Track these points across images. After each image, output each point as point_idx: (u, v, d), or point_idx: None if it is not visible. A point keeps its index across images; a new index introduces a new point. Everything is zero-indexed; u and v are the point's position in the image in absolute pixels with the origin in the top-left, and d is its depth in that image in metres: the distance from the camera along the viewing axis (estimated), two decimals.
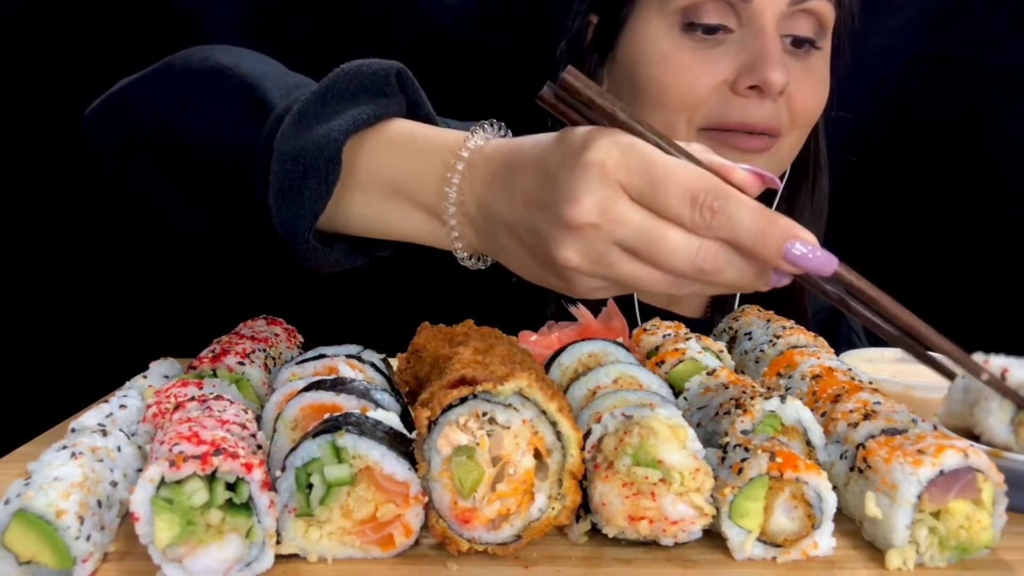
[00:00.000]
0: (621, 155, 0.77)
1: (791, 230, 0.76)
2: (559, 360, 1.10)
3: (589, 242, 0.78)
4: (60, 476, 0.79)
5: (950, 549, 0.83)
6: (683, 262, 0.77)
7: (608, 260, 0.79)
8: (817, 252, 0.77)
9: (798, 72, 1.41)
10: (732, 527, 0.83)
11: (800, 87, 1.41)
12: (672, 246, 0.77)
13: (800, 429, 0.93)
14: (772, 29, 1.37)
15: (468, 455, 0.82)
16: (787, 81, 1.35)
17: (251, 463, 0.78)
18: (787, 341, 1.17)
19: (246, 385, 1.05)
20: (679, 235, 0.77)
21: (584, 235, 0.78)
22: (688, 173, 0.76)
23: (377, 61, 1.01)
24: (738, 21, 1.39)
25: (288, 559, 0.82)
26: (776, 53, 1.36)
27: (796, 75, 1.40)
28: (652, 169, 0.76)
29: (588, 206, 0.77)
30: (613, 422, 0.85)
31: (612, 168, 0.77)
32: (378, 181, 0.95)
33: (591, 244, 0.78)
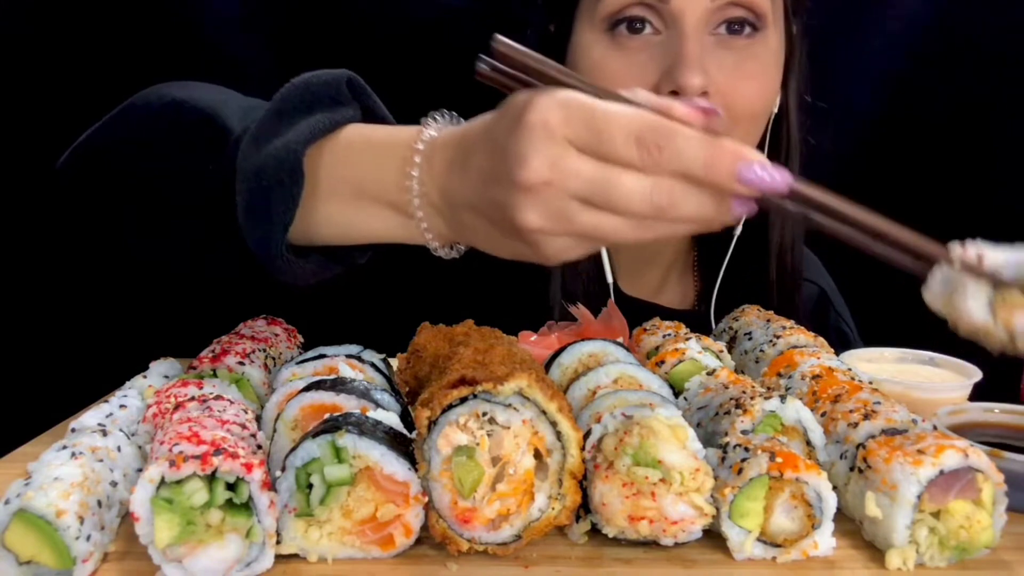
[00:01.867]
0: (561, 110, 0.78)
1: (740, 152, 0.77)
2: (559, 360, 1.10)
3: (546, 201, 0.79)
4: (60, 476, 0.79)
5: (950, 549, 0.83)
6: (639, 203, 0.78)
7: (568, 215, 0.80)
8: (770, 170, 0.78)
9: (731, 64, 1.35)
10: (732, 527, 0.83)
11: (735, 80, 1.35)
12: (626, 189, 0.78)
13: (800, 429, 0.93)
14: (692, 29, 1.32)
15: (468, 455, 0.82)
16: (704, 83, 1.29)
17: (251, 463, 0.78)
18: (787, 341, 1.17)
19: (246, 385, 1.05)
20: (631, 177, 0.78)
21: (540, 195, 0.79)
22: (629, 116, 0.78)
23: (327, 72, 1.04)
24: (663, 22, 1.35)
25: (288, 559, 0.82)
26: (692, 55, 1.30)
27: (729, 67, 1.35)
28: (593, 118, 0.77)
29: (537, 166, 0.78)
30: (613, 422, 0.85)
31: (555, 124, 0.78)
32: (342, 186, 0.96)
33: (548, 203, 0.79)
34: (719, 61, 1.35)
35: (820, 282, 1.73)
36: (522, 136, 0.78)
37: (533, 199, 0.79)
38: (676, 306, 1.63)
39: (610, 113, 0.77)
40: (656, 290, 1.65)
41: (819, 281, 1.73)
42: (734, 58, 1.36)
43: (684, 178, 0.78)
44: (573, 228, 0.81)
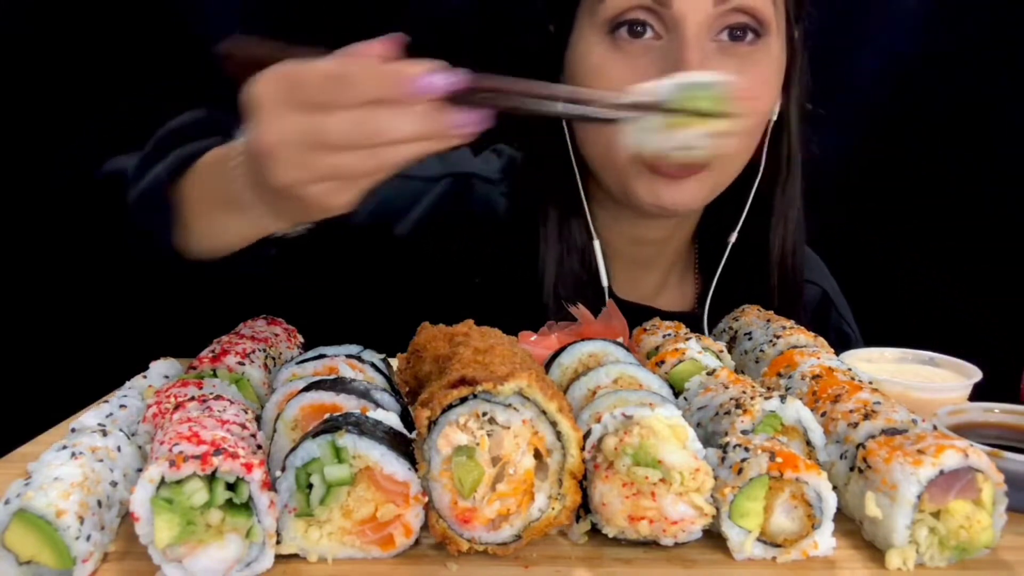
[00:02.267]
0: (270, 81, 0.91)
1: (410, 73, 0.88)
2: (559, 360, 1.10)
3: (285, 159, 0.90)
4: (60, 476, 0.79)
5: (950, 549, 0.83)
6: (352, 135, 0.89)
7: (307, 163, 0.91)
8: (445, 75, 0.88)
9: (733, 71, 1.30)
10: (732, 527, 0.83)
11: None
12: (335, 128, 0.89)
13: (800, 429, 0.93)
14: (694, 36, 1.32)
15: (468, 455, 0.82)
16: None
17: (251, 463, 0.78)
18: (787, 341, 1.17)
19: (246, 385, 1.05)
20: (337, 117, 0.88)
21: (277, 155, 0.90)
22: (318, 67, 0.89)
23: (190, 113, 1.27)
24: (664, 27, 1.35)
25: (288, 559, 0.82)
26: (693, 63, 1.30)
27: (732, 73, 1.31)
28: (292, 78, 0.90)
29: (263, 132, 0.90)
30: (613, 422, 0.85)
31: (266, 93, 0.90)
32: (205, 203, 1.12)
33: (287, 159, 0.90)
34: (720, 67, 1.33)
35: (822, 283, 1.72)
36: (251, 112, 0.92)
37: (274, 161, 0.91)
38: (675, 308, 1.62)
39: (304, 69, 0.89)
40: (654, 293, 1.64)
41: (821, 282, 1.72)
42: (736, 65, 1.35)
43: (381, 104, 0.88)
44: (319, 172, 0.91)
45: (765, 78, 1.41)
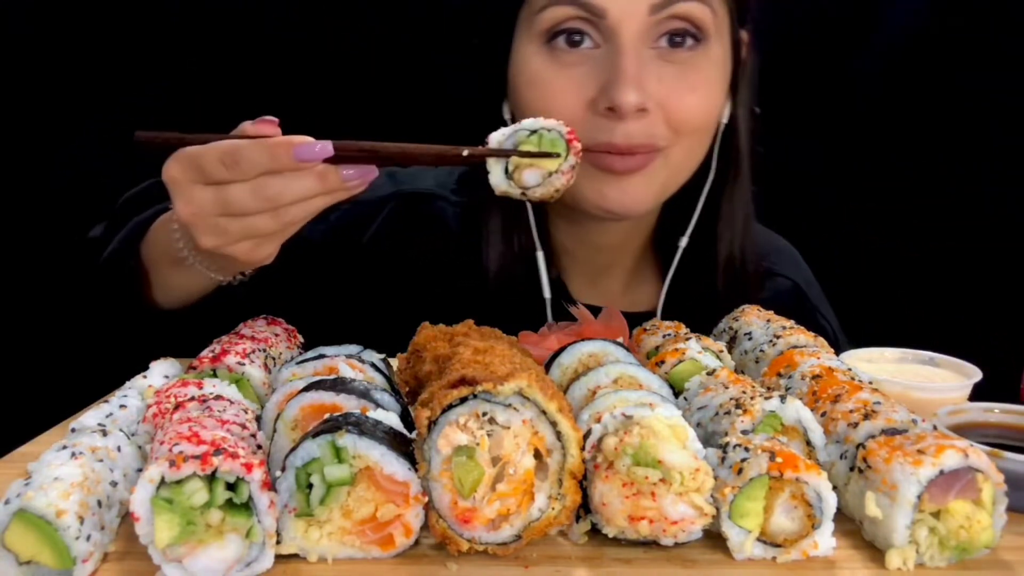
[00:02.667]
0: (176, 164, 1.05)
1: (288, 140, 1.02)
2: (559, 360, 1.10)
3: (204, 226, 1.05)
4: (60, 476, 0.79)
5: (950, 549, 0.83)
6: (253, 203, 1.03)
7: (223, 229, 1.05)
8: (316, 145, 1.02)
9: (672, 77, 1.35)
10: (732, 527, 0.83)
11: (677, 93, 1.35)
12: (238, 198, 1.03)
13: (800, 429, 0.93)
14: (630, 44, 1.32)
15: (468, 455, 0.82)
16: (639, 100, 1.30)
17: (251, 463, 0.78)
18: (787, 341, 1.17)
19: (246, 385, 1.05)
20: (237, 188, 1.03)
21: (197, 224, 1.05)
22: (213, 148, 1.02)
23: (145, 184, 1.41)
24: (601, 36, 1.34)
25: (288, 559, 0.82)
26: (628, 73, 1.31)
27: (671, 81, 1.35)
28: (194, 159, 1.03)
29: (180, 207, 1.05)
30: (613, 422, 0.85)
31: (176, 175, 1.05)
32: (163, 262, 1.26)
33: (206, 226, 1.05)
34: (659, 75, 1.34)
35: (793, 276, 1.71)
36: (169, 190, 1.07)
37: (196, 229, 1.06)
38: (641, 309, 1.61)
39: (203, 151, 1.03)
40: (619, 295, 1.64)
41: (792, 275, 1.71)
42: (675, 71, 1.35)
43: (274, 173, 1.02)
44: (234, 235, 1.06)
45: (707, 83, 1.40)
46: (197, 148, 1.04)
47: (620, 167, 1.37)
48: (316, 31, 2.37)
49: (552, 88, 1.37)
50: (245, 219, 1.05)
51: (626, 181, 1.38)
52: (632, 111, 1.31)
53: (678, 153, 1.41)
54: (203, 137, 1.05)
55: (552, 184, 1.10)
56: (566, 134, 1.08)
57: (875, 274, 2.39)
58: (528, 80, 1.40)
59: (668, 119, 1.36)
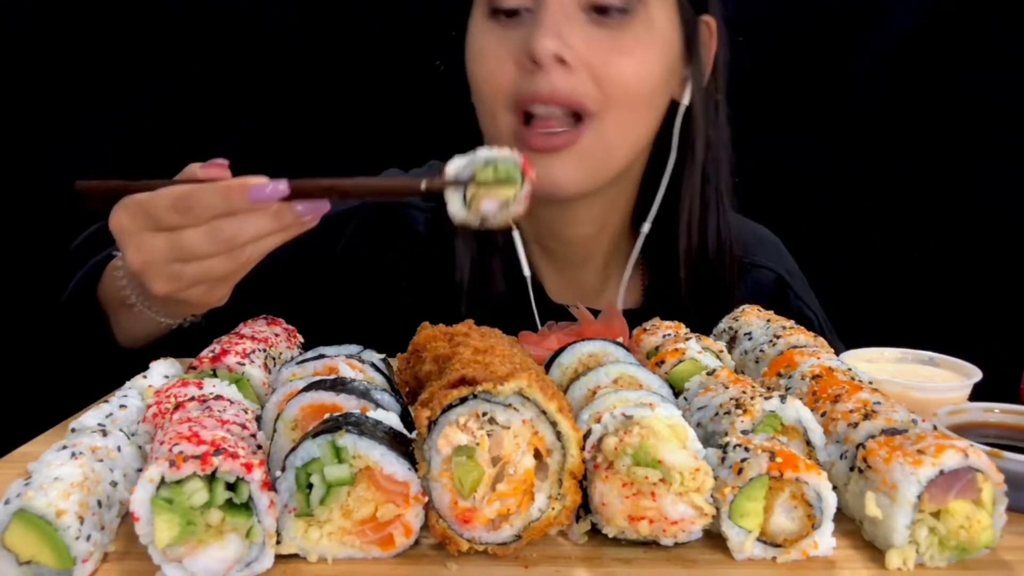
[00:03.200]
0: (124, 213, 1.04)
1: (242, 182, 1.01)
2: (559, 360, 1.10)
3: (156, 273, 1.05)
4: (60, 476, 0.79)
5: (950, 549, 0.83)
6: (209, 246, 1.02)
7: (177, 274, 1.05)
8: (269, 186, 1.01)
9: (602, 41, 1.36)
10: (732, 527, 0.83)
11: (606, 54, 1.36)
12: (193, 242, 1.02)
13: (800, 429, 0.93)
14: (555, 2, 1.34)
15: (468, 455, 0.82)
16: (557, 48, 1.32)
17: (251, 463, 0.78)
18: (787, 341, 1.17)
19: (246, 385, 1.05)
20: (192, 233, 1.01)
21: (149, 272, 1.04)
22: (164, 195, 1.02)
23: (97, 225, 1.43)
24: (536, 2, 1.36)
25: (288, 559, 0.82)
26: (546, 22, 1.33)
27: (600, 41, 1.35)
28: (143, 206, 1.03)
29: (131, 256, 1.04)
30: (613, 422, 0.85)
31: (124, 224, 1.04)
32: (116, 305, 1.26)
33: (159, 273, 1.05)
34: (588, 34, 1.35)
35: (776, 267, 1.69)
36: (117, 239, 1.06)
37: (148, 276, 1.05)
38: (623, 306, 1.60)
39: (153, 197, 1.02)
40: (595, 292, 1.63)
41: (774, 266, 1.69)
42: (605, 34, 1.36)
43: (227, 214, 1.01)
44: (188, 280, 1.05)
45: (640, 49, 1.39)
46: (145, 195, 1.03)
47: (541, 144, 1.38)
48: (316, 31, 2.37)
49: (488, 56, 1.41)
50: (199, 263, 1.04)
51: (553, 158, 1.38)
52: (549, 59, 1.32)
53: (610, 125, 1.39)
54: (147, 184, 1.05)
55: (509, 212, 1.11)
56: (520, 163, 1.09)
57: (875, 274, 2.39)
58: (473, 54, 1.44)
59: (596, 80, 1.36)
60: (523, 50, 1.35)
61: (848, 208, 2.40)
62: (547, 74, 1.34)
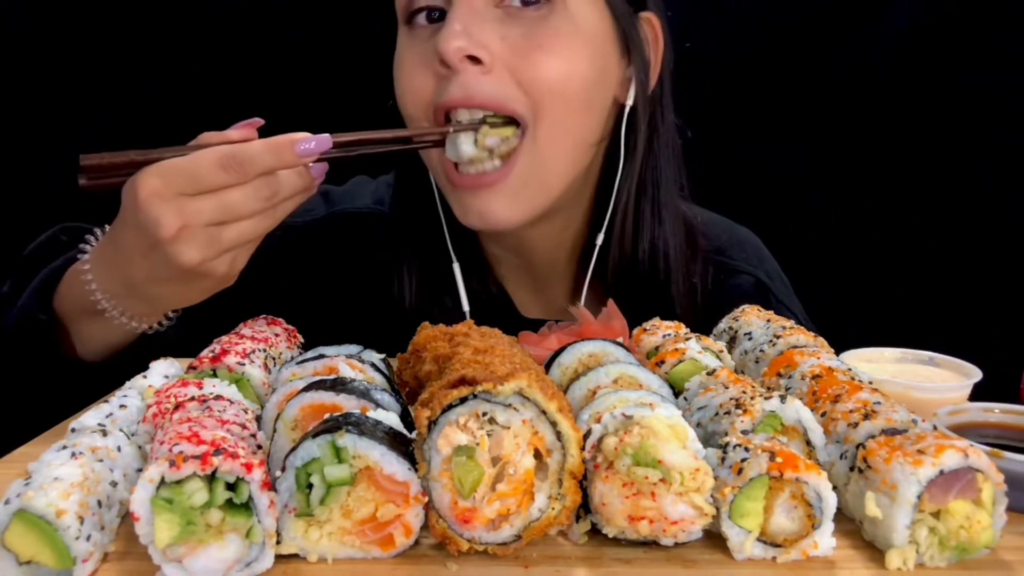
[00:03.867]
0: (159, 178, 1.02)
1: (290, 138, 1.05)
2: (559, 360, 1.10)
3: (191, 239, 1.03)
4: (60, 476, 0.79)
5: (950, 549, 0.83)
6: (255, 203, 1.04)
7: (214, 239, 1.04)
8: (315, 140, 1.06)
9: (520, 35, 1.27)
10: (732, 527, 0.83)
11: (524, 51, 1.27)
12: (240, 199, 1.03)
13: (800, 429, 0.93)
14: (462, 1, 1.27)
15: (468, 455, 0.82)
16: (463, 45, 1.24)
17: (251, 463, 0.78)
18: (787, 341, 1.17)
19: (246, 385, 1.05)
20: (237, 192, 1.03)
21: (184, 238, 1.03)
22: (207, 156, 1.02)
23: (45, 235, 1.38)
24: (447, 2, 1.30)
25: (288, 559, 0.82)
26: (454, 21, 1.25)
27: (517, 38, 1.27)
28: (184, 169, 1.02)
29: (169, 221, 1.01)
30: (613, 422, 0.85)
31: (160, 189, 1.02)
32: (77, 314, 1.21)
33: (193, 240, 1.03)
34: (504, 32, 1.27)
35: (755, 271, 1.63)
36: (143, 209, 1.02)
37: (181, 244, 1.03)
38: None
39: (192, 160, 1.03)
40: (564, 304, 1.56)
41: (753, 270, 1.63)
42: (523, 29, 1.28)
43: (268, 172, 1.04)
44: (224, 245, 1.06)
45: (562, 43, 1.29)
46: (185, 158, 1.03)
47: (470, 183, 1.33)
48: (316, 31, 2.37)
49: (404, 66, 1.37)
50: (239, 225, 1.05)
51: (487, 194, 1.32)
52: (459, 59, 1.25)
53: (544, 136, 1.30)
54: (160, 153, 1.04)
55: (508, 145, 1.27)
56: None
57: (875, 274, 2.39)
58: (395, 64, 1.40)
59: (520, 82, 1.28)
60: (434, 54, 1.28)
61: (848, 208, 2.40)
62: (460, 76, 1.27)
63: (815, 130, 2.39)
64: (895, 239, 2.39)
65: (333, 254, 1.63)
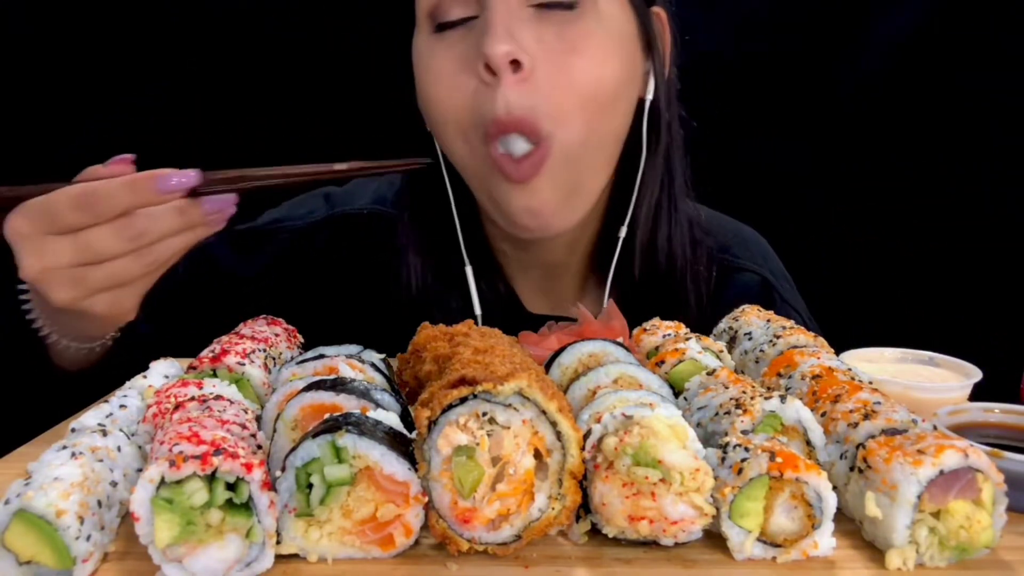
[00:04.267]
0: (22, 217, 0.99)
1: (150, 174, 0.99)
2: (559, 360, 1.10)
3: (58, 280, 1.00)
4: (60, 476, 0.79)
5: (950, 549, 0.83)
6: (117, 244, 0.99)
7: (81, 280, 1.00)
8: (181, 175, 1.00)
9: (552, 36, 1.27)
10: (732, 527, 0.83)
11: (557, 53, 1.27)
12: (100, 241, 0.98)
13: (800, 429, 0.93)
14: (500, 3, 1.25)
15: (468, 455, 0.82)
16: (511, 50, 1.22)
17: (251, 463, 0.78)
18: (787, 341, 1.17)
19: (246, 385, 1.05)
20: (98, 232, 0.98)
21: (50, 279, 1.00)
22: (65, 193, 0.98)
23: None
24: (479, 5, 1.28)
25: (288, 559, 0.82)
26: (494, 23, 1.23)
27: (551, 39, 1.27)
28: (42, 207, 0.98)
29: (30, 263, 0.99)
30: (613, 422, 0.85)
31: (22, 228, 0.99)
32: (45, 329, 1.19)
33: (61, 280, 1.00)
34: (538, 33, 1.26)
35: (760, 269, 1.64)
36: (13, 248, 1.00)
37: (49, 284, 1.00)
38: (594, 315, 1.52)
39: (52, 198, 0.98)
40: (572, 301, 1.54)
41: (759, 269, 1.64)
42: (555, 29, 1.28)
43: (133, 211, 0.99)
44: (93, 285, 1.01)
45: (592, 44, 1.29)
46: (44, 197, 0.99)
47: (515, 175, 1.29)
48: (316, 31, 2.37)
49: (440, 74, 1.32)
50: (106, 266, 1.00)
51: (527, 188, 1.31)
52: (504, 63, 1.22)
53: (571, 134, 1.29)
54: (41, 188, 1.00)
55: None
56: None
57: (875, 274, 2.39)
58: (421, 68, 1.35)
59: (552, 85, 1.27)
60: (476, 59, 1.26)
61: (848, 208, 2.40)
62: (501, 87, 1.24)
63: (815, 130, 2.39)
64: (895, 239, 2.39)
65: (333, 254, 1.63)
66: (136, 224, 0.99)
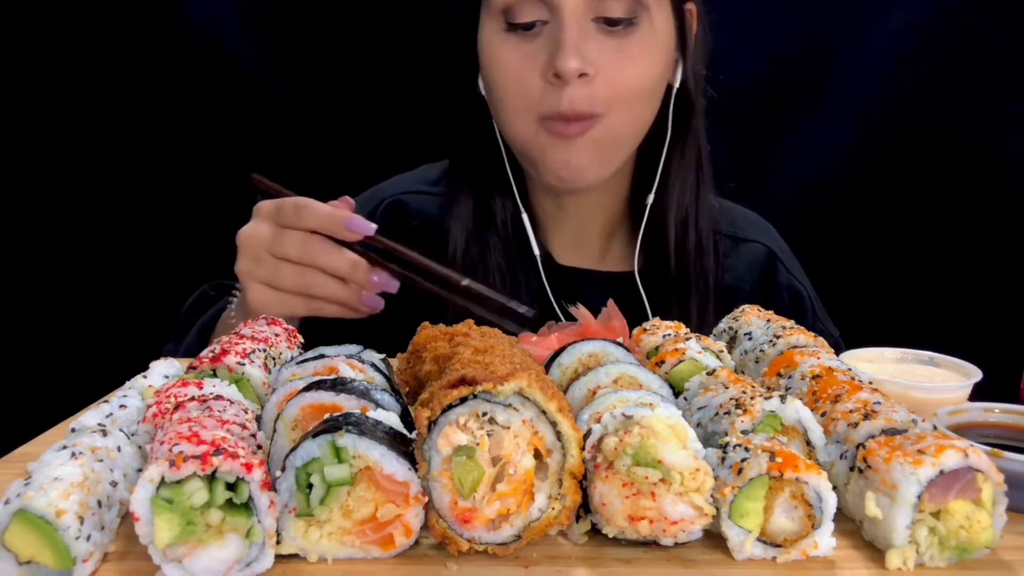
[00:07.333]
0: (270, 203, 1.35)
1: (348, 213, 1.33)
2: (559, 360, 1.10)
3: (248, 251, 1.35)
4: (60, 476, 0.79)
5: (950, 549, 0.83)
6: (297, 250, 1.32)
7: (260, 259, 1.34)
8: (363, 221, 1.32)
9: (612, 51, 1.50)
10: (732, 527, 0.83)
11: (615, 65, 1.49)
12: (287, 240, 1.31)
13: (800, 429, 0.93)
14: (572, 16, 1.46)
15: (468, 455, 0.82)
16: (580, 66, 1.44)
17: (251, 463, 0.78)
18: (787, 341, 1.17)
19: (246, 385, 1.05)
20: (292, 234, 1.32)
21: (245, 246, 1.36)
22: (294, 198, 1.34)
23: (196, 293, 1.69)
24: (549, 12, 1.49)
25: (288, 559, 0.82)
26: (570, 41, 1.45)
27: (611, 54, 1.49)
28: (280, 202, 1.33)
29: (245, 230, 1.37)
30: (613, 422, 0.85)
31: (263, 208, 1.35)
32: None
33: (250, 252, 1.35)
34: (601, 45, 1.49)
35: (766, 241, 1.81)
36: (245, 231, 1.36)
37: (241, 250, 1.34)
38: (620, 269, 1.74)
39: (287, 199, 1.33)
40: (599, 258, 1.78)
41: (765, 240, 1.81)
42: (616, 43, 1.50)
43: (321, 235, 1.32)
44: (261, 272, 1.33)
45: (645, 54, 1.53)
46: (289, 197, 1.32)
47: (565, 132, 1.52)
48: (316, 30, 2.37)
49: (511, 64, 1.53)
50: (278, 263, 1.28)
51: (571, 145, 1.53)
52: (574, 76, 1.45)
53: (616, 119, 1.54)
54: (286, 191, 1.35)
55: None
56: None
57: (874, 275, 2.39)
58: (492, 59, 1.56)
59: (608, 86, 1.50)
60: (547, 65, 1.48)
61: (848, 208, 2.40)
62: (569, 88, 1.47)
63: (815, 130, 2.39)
64: (895, 239, 2.39)
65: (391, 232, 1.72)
66: (315, 244, 1.29)
